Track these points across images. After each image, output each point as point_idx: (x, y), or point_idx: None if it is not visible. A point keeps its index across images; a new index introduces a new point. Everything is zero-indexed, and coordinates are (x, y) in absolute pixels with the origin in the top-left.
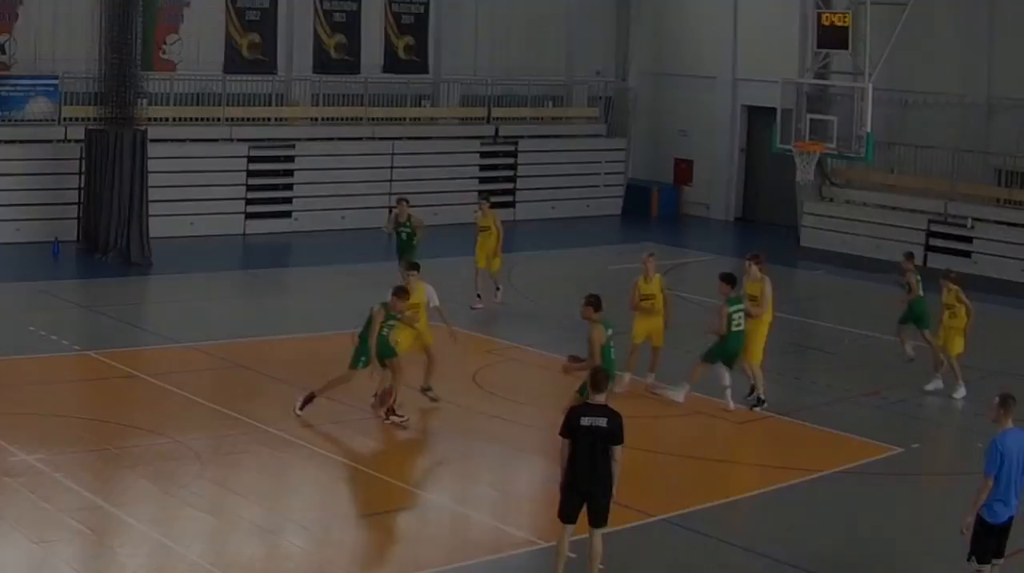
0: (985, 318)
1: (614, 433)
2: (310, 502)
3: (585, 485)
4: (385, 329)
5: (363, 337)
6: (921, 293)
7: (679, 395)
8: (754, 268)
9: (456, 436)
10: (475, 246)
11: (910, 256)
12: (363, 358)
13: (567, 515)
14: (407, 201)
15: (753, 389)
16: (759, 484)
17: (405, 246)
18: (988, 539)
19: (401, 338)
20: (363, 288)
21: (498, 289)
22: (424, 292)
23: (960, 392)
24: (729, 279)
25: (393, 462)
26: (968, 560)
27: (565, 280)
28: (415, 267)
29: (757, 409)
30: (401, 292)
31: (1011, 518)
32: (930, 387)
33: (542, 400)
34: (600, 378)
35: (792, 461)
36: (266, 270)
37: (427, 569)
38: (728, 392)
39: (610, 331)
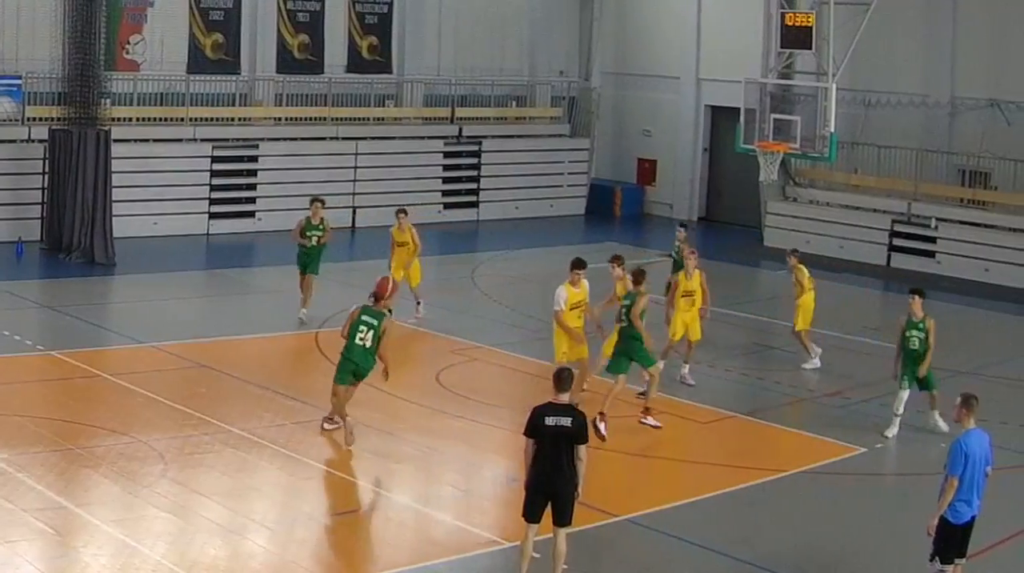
0: (949, 318)
1: (578, 432)
2: (273, 502)
3: (549, 485)
4: (362, 339)
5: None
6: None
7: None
8: (617, 270)
9: (419, 436)
10: (390, 259)
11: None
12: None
13: (531, 515)
14: (322, 202)
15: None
16: (722, 484)
17: (312, 252)
18: (952, 539)
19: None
20: (326, 288)
21: (419, 304)
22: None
23: (812, 363)
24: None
25: (357, 462)
26: (931, 560)
27: (528, 280)
28: (582, 266)
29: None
30: (379, 296)
31: (974, 518)
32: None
33: (506, 400)
34: (564, 378)
35: (755, 461)
36: (230, 270)
37: (391, 569)
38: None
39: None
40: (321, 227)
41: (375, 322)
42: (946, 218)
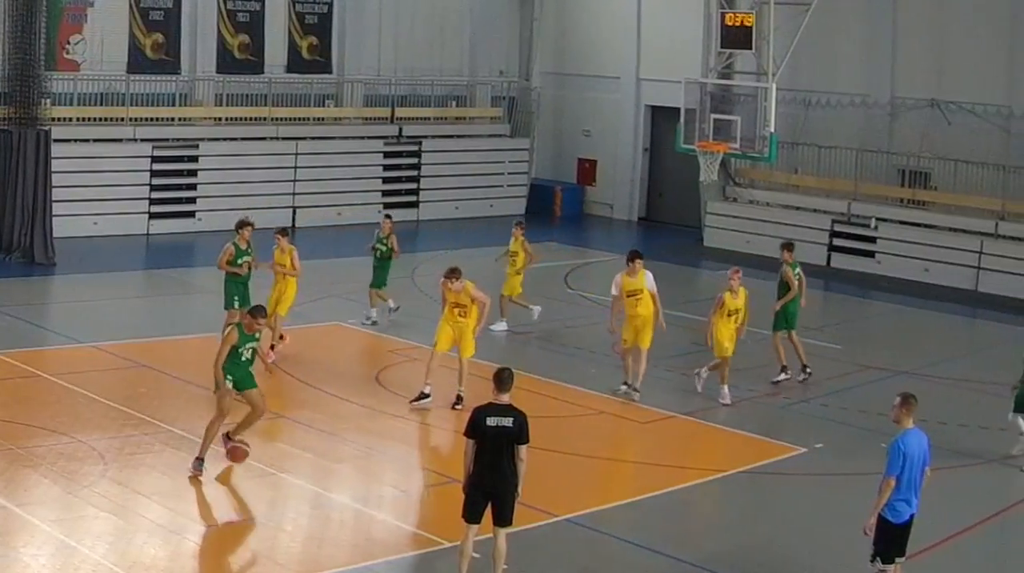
0: (888, 318)
1: (520, 433)
2: (213, 502)
3: (490, 485)
4: (244, 354)
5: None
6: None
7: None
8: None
9: (359, 436)
10: (272, 287)
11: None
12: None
13: (471, 515)
14: (252, 225)
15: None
16: (663, 484)
17: (246, 280)
18: (892, 539)
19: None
20: (266, 287)
21: (282, 338)
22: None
23: (500, 326)
24: (789, 246)
25: (296, 462)
26: (872, 561)
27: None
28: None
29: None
30: (258, 312)
31: (913, 517)
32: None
33: (445, 400)
34: (504, 378)
35: (695, 461)
36: (170, 270)
37: (330, 569)
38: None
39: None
40: (250, 251)
41: (254, 344)
42: (886, 218)
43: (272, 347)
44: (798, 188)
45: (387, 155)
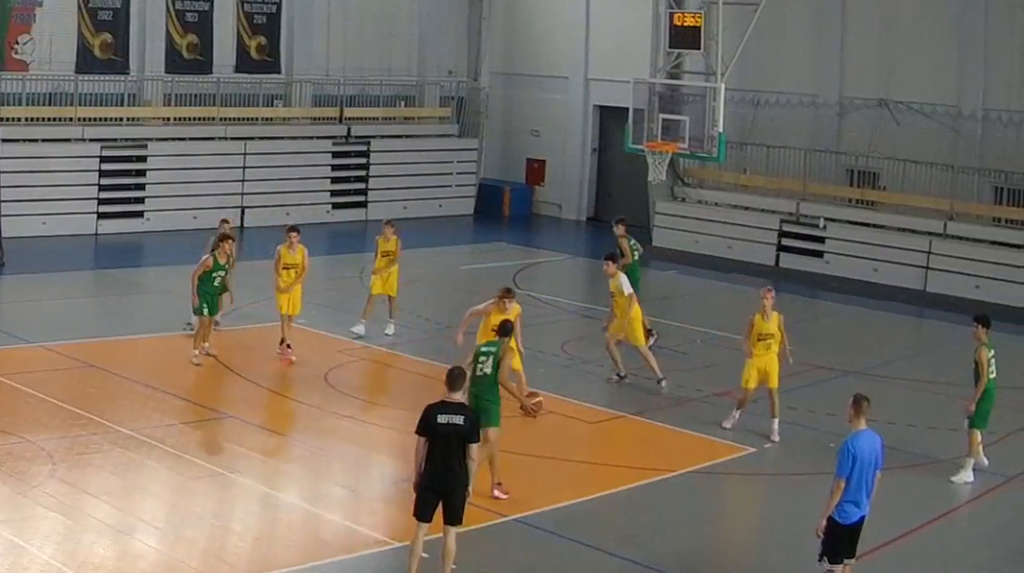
0: (837, 318)
1: (471, 431)
2: (162, 502)
3: (441, 484)
4: (216, 279)
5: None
6: (635, 259)
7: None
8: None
9: (308, 436)
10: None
11: (622, 221)
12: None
13: (422, 513)
14: (233, 238)
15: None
16: (612, 484)
17: (219, 291)
18: (840, 540)
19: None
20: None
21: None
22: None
23: (359, 328)
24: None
25: (245, 461)
26: (819, 560)
27: (417, 280)
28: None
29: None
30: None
31: (863, 519)
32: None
33: (394, 400)
34: (456, 376)
35: (645, 461)
36: (118, 270)
37: (279, 569)
38: None
39: None
40: (227, 267)
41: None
42: (835, 218)
43: (287, 345)
44: (746, 188)
45: (336, 155)
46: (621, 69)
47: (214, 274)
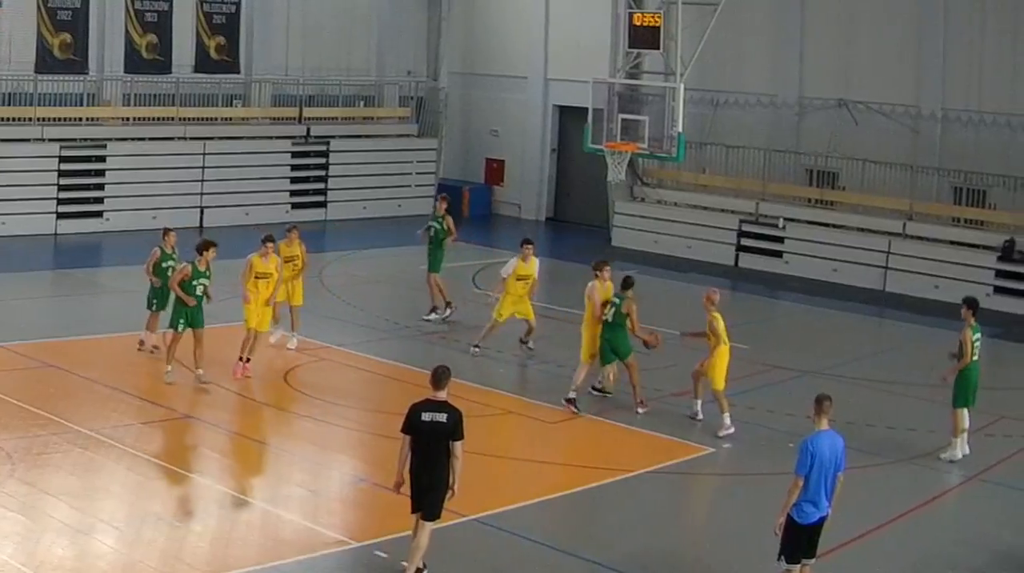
0: (797, 318)
1: (454, 429)
2: (121, 502)
3: (424, 479)
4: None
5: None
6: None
7: None
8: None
9: (267, 436)
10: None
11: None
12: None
13: (417, 507)
14: (215, 245)
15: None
16: (571, 484)
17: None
18: (798, 539)
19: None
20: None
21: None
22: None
23: (276, 334)
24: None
25: (204, 461)
26: (777, 559)
27: (376, 280)
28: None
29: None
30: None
31: (822, 519)
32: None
33: (353, 400)
34: (440, 375)
35: (604, 461)
36: (77, 270)
37: (238, 569)
38: None
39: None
40: (208, 274)
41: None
42: (794, 218)
43: (247, 361)
44: (706, 188)
45: (295, 155)
46: (580, 69)
47: (195, 282)
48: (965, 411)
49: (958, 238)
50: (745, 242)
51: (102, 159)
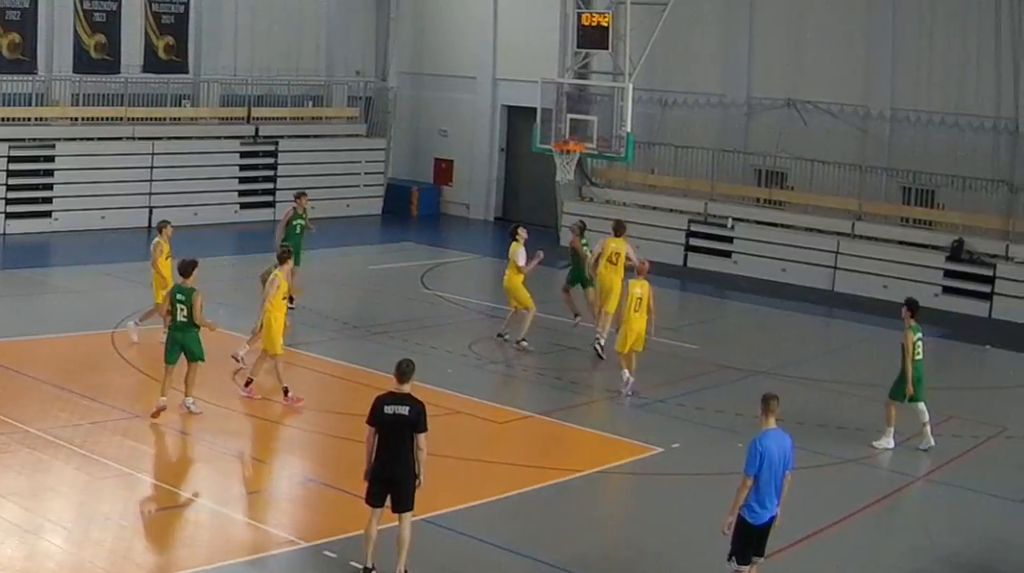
0: (746, 318)
1: (417, 421)
2: (69, 502)
3: (389, 472)
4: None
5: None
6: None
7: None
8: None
9: (216, 436)
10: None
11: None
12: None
13: (373, 500)
14: (196, 264)
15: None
16: (520, 484)
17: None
18: (748, 539)
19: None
20: (122, 288)
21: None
22: None
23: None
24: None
25: (153, 462)
26: (728, 560)
27: (325, 280)
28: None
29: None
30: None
31: (772, 519)
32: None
33: (303, 401)
34: (404, 369)
35: (553, 461)
36: (26, 270)
37: (187, 569)
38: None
39: None
40: (192, 290)
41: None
42: (743, 218)
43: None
44: (655, 188)
45: (244, 155)
46: (529, 69)
47: (180, 299)
48: (922, 405)
49: (907, 238)
50: (694, 242)
51: (51, 159)
